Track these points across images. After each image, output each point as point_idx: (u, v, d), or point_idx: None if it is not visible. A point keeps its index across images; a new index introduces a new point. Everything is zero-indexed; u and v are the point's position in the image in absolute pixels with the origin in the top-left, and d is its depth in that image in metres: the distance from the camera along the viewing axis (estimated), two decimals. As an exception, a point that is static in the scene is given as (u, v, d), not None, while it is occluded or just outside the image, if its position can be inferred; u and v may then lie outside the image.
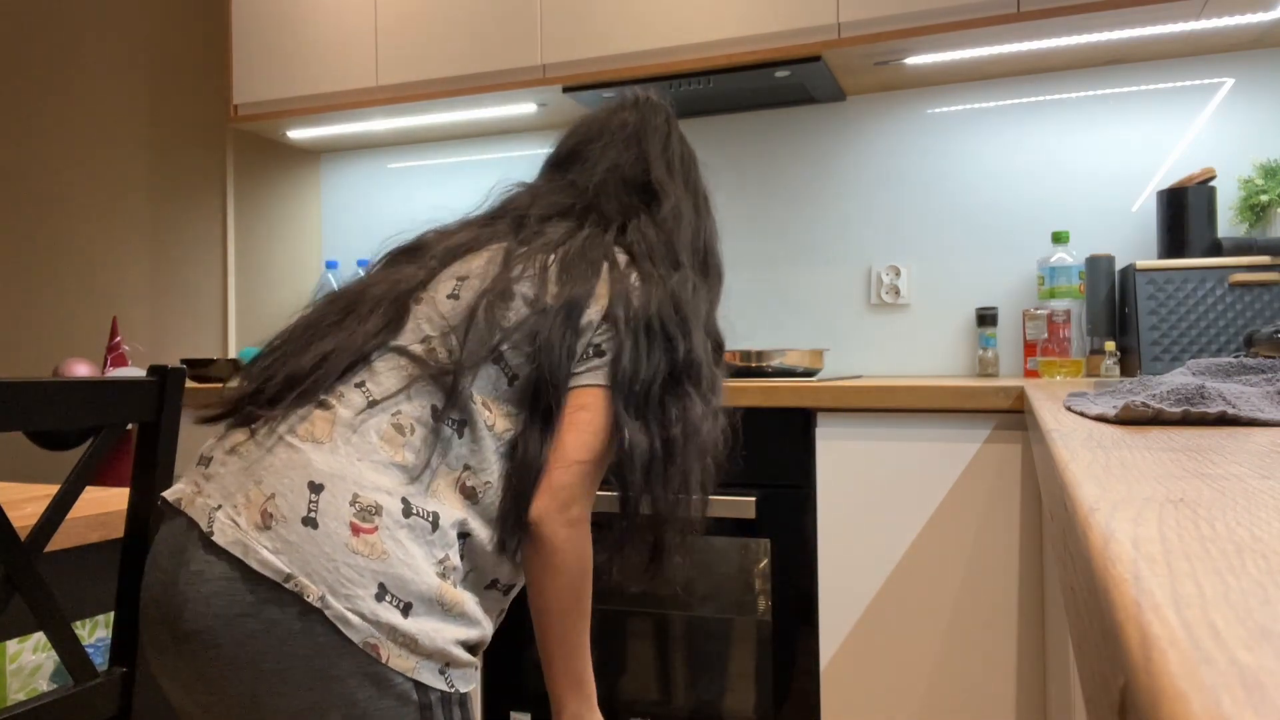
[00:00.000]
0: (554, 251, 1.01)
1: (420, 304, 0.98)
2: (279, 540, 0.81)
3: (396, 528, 0.84)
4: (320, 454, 0.85)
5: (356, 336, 0.94)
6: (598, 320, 0.97)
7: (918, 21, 1.82)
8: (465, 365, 0.92)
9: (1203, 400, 0.73)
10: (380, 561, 0.82)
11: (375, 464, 0.86)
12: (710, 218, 1.20)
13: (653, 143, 1.17)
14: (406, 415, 0.90)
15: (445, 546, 0.88)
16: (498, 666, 1.80)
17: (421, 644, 0.83)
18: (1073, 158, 2.06)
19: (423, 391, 0.91)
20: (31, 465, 3.05)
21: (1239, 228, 1.95)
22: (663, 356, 0.98)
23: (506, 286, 0.97)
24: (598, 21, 2.06)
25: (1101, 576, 0.28)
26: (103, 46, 3.02)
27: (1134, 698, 0.20)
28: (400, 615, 0.82)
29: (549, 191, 1.14)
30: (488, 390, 0.93)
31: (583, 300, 0.97)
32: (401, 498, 0.86)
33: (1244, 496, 0.39)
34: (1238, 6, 1.72)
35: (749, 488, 1.64)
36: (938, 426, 1.54)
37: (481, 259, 1.01)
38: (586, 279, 0.99)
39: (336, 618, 0.80)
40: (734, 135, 2.34)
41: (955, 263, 2.15)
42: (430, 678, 0.84)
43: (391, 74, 2.25)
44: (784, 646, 1.62)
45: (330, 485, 0.83)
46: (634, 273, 1.02)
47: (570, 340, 0.95)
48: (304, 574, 0.80)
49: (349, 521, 0.82)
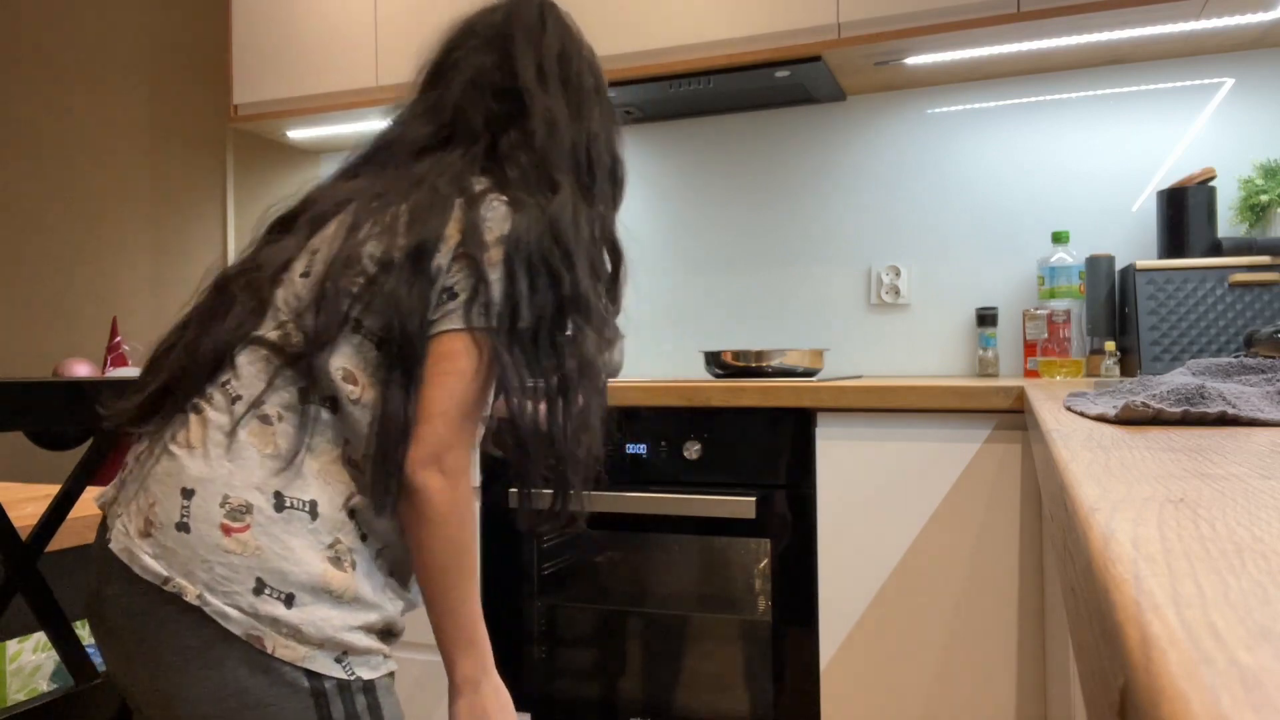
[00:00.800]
0: (407, 198, 0.96)
1: (280, 286, 0.95)
2: (158, 546, 0.84)
3: (270, 523, 0.85)
4: (193, 460, 0.87)
5: (220, 333, 0.94)
6: (447, 262, 0.92)
7: (918, 21, 1.82)
8: (318, 343, 0.90)
9: (1203, 400, 0.73)
10: (255, 558, 0.83)
11: (245, 462, 0.87)
12: (595, 117, 1.08)
13: (520, 42, 1.06)
14: (273, 405, 0.89)
15: (333, 531, 0.87)
16: (498, 666, 1.80)
17: (308, 634, 0.83)
18: (1073, 158, 2.06)
19: (286, 378, 0.90)
20: (31, 465, 3.05)
21: (1239, 228, 1.95)
22: (548, 292, 0.94)
23: (352, 252, 0.93)
24: (598, 21, 2.06)
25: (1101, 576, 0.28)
26: (103, 47, 3.02)
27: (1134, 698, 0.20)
28: (283, 606, 0.83)
29: (413, 119, 1.06)
30: (354, 361, 0.91)
31: (430, 244, 0.92)
32: (274, 492, 0.86)
33: (1244, 496, 0.39)
34: (1238, 6, 1.72)
35: (749, 488, 1.64)
36: (938, 426, 1.54)
37: (332, 227, 0.97)
38: (436, 220, 0.93)
39: (216, 613, 0.82)
40: (734, 135, 2.34)
41: (955, 263, 2.15)
42: (324, 666, 0.84)
43: (391, 74, 2.25)
44: (784, 646, 1.62)
45: (200, 490, 0.85)
46: (497, 202, 0.96)
47: (421, 288, 0.91)
48: (182, 575, 0.82)
49: (219, 523, 0.84)
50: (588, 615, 1.76)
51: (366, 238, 0.94)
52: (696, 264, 2.37)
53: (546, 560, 1.79)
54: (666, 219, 2.40)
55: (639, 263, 2.42)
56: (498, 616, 1.79)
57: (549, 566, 1.79)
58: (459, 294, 0.92)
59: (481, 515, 1.79)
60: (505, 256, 0.93)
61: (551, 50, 1.07)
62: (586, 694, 1.74)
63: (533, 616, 1.78)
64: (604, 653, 1.74)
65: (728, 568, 1.69)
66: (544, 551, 1.80)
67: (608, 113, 1.12)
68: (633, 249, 2.43)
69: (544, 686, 1.77)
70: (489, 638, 0.99)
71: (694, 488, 1.67)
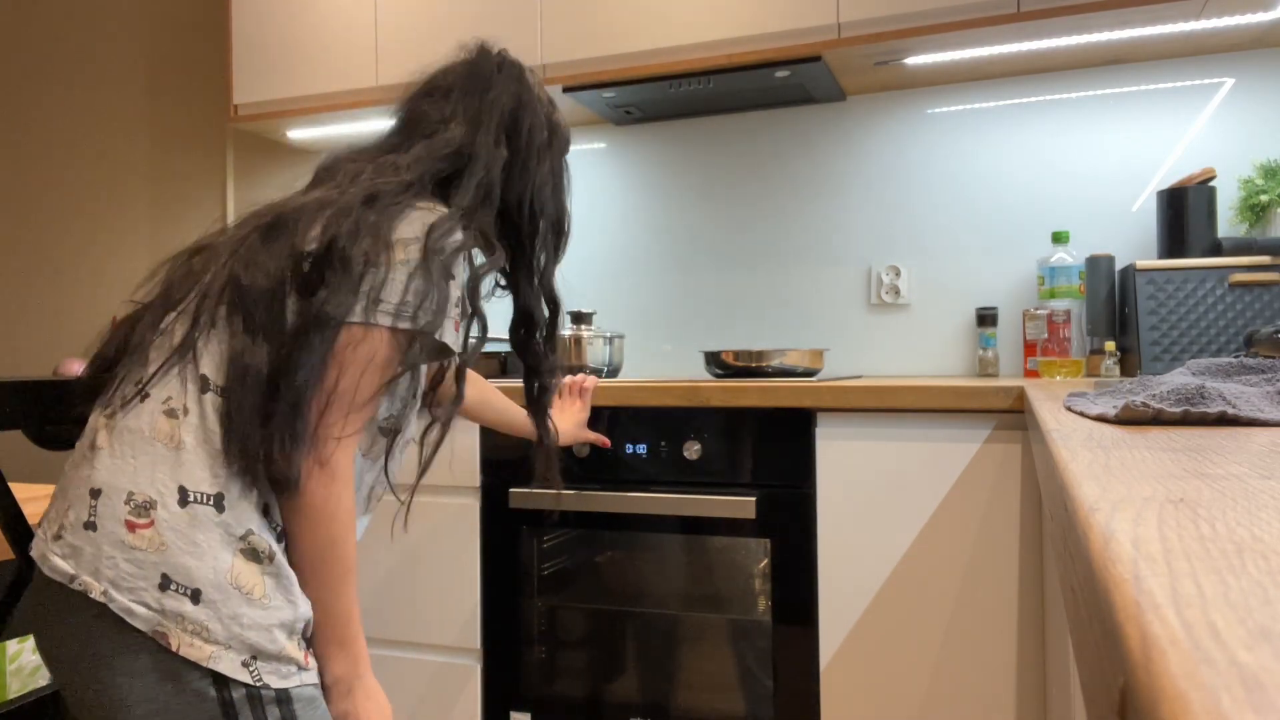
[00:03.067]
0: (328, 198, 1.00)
1: (195, 284, 0.98)
2: (66, 546, 0.85)
3: (174, 518, 0.84)
4: (101, 460, 0.88)
5: (140, 330, 0.95)
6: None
7: (918, 21, 1.82)
8: (202, 329, 0.92)
9: (1203, 400, 0.73)
10: (159, 554, 0.83)
11: (149, 458, 0.87)
12: (545, 170, 1.16)
13: (471, 96, 1.13)
14: (179, 399, 0.89)
15: (243, 523, 0.87)
16: (498, 666, 1.80)
17: (214, 630, 0.83)
18: (1073, 158, 2.06)
19: (187, 369, 0.91)
20: (31, 465, 3.05)
21: (1239, 228, 1.95)
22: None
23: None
24: (598, 21, 2.06)
25: (1101, 576, 0.28)
26: (103, 47, 3.02)
27: (1134, 698, 0.20)
28: (189, 602, 0.83)
29: (368, 160, 1.11)
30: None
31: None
32: (179, 486, 0.86)
33: (1244, 496, 0.39)
34: (1238, 6, 1.72)
35: (749, 488, 1.64)
36: (938, 426, 1.54)
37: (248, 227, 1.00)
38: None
39: (122, 610, 0.82)
40: (734, 135, 2.34)
41: (955, 263, 2.15)
42: (230, 668, 0.83)
43: (391, 74, 2.25)
44: (784, 646, 1.62)
45: (106, 489, 0.86)
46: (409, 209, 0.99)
47: (268, 266, 0.93)
48: (88, 574, 0.83)
49: (124, 520, 0.84)
50: (587, 615, 1.76)
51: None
52: (696, 264, 2.37)
53: (546, 560, 1.79)
54: (666, 219, 2.40)
55: (639, 263, 2.42)
56: (498, 616, 1.79)
57: (548, 566, 1.79)
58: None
59: (482, 515, 1.79)
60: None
61: (501, 104, 1.12)
62: (586, 694, 1.74)
63: (532, 616, 1.78)
64: (603, 653, 1.74)
65: (728, 568, 1.69)
66: (543, 551, 1.80)
67: (560, 167, 1.18)
68: (633, 249, 2.43)
69: (544, 686, 1.77)
70: (361, 638, 0.97)
71: (694, 488, 1.67)
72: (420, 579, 1.84)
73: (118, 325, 0.99)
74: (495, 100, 1.12)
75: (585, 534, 1.76)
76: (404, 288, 0.93)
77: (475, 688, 1.80)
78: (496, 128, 1.11)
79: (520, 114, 1.14)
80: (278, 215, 0.96)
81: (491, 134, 1.10)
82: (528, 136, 1.14)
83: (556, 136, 1.19)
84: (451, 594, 1.82)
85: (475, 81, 1.13)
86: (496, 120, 1.11)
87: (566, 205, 1.19)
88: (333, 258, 0.91)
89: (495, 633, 1.79)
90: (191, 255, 1.01)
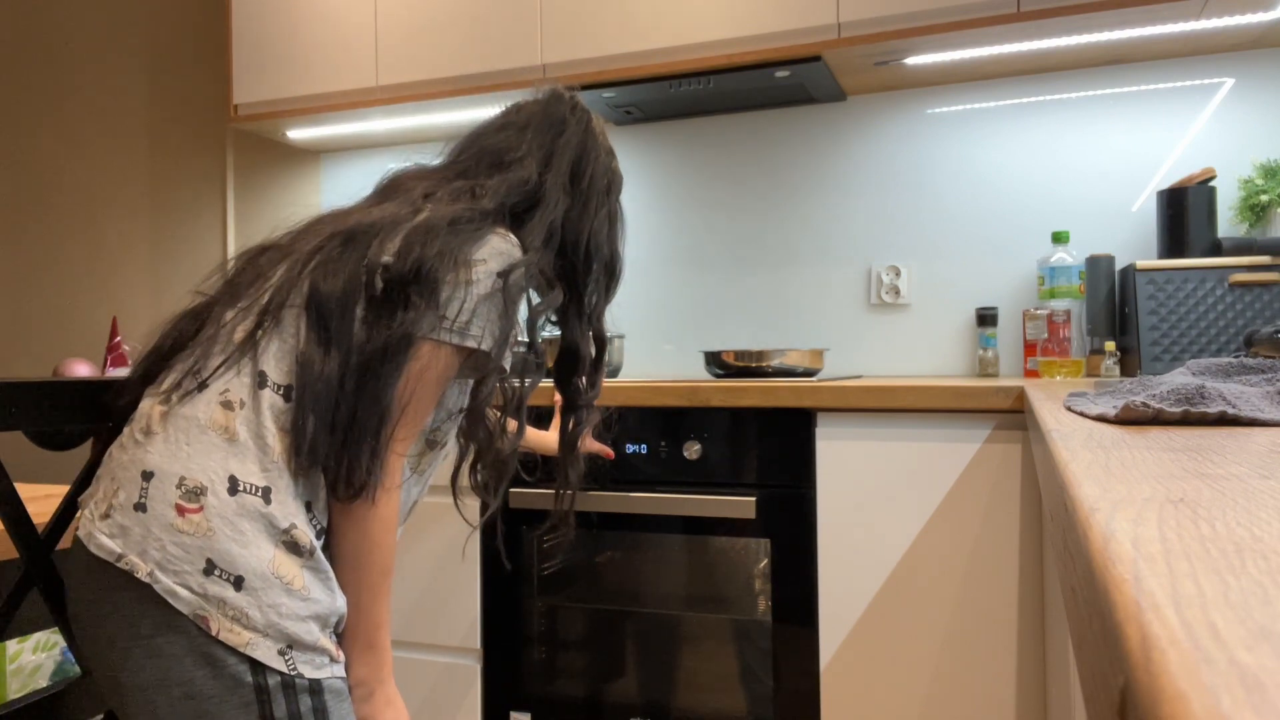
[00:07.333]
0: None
1: (260, 279, 1.01)
2: (114, 525, 0.87)
3: (223, 506, 0.87)
4: (154, 445, 0.90)
5: (207, 322, 0.99)
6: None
7: (918, 21, 1.82)
8: (266, 327, 0.95)
9: (1203, 400, 0.73)
10: (205, 539, 0.85)
11: (203, 446, 0.89)
12: (602, 215, 1.21)
13: (542, 136, 1.19)
14: (235, 391, 0.92)
15: (288, 517, 0.89)
16: (498, 666, 1.80)
17: (253, 618, 0.85)
18: (1073, 158, 2.06)
19: (247, 364, 0.94)
20: (31, 465, 3.05)
21: (1239, 228, 1.95)
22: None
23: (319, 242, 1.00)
24: (598, 21, 2.06)
25: (1101, 576, 0.28)
26: (103, 47, 3.02)
27: (1134, 698, 0.20)
28: (231, 589, 0.85)
29: (434, 176, 1.16)
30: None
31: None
32: (229, 475, 0.88)
33: (1244, 496, 0.39)
34: (1238, 6, 1.72)
35: (749, 488, 1.64)
36: (938, 426, 1.54)
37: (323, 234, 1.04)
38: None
39: (165, 591, 0.84)
40: (734, 135, 2.34)
41: (955, 263, 2.15)
42: (267, 656, 0.85)
43: (391, 74, 2.25)
44: (784, 646, 1.62)
45: (159, 473, 0.88)
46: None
47: (352, 271, 0.97)
48: (135, 554, 0.85)
49: (174, 504, 0.86)
50: (587, 615, 1.76)
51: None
52: (696, 264, 2.37)
53: (546, 560, 1.80)
54: (667, 219, 2.40)
55: (640, 263, 2.42)
56: (498, 616, 1.79)
57: (548, 566, 1.79)
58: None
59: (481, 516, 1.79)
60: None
61: (571, 148, 1.19)
62: (586, 694, 1.74)
63: (532, 616, 1.78)
64: (603, 653, 1.74)
65: (728, 567, 1.69)
66: (544, 551, 1.80)
67: (615, 213, 1.25)
68: (634, 249, 2.43)
69: (544, 686, 1.77)
70: (386, 645, 0.99)
71: (694, 488, 1.67)
72: (421, 579, 1.84)
73: (176, 318, 1.02)
74: (566, 144, 1.18)
75: (585, 534, 1.76)
76: (473, 309, 0.98)
77: (475, 688, 1.80)
78: (566, 171, 1.17)
79: (585, 160, 1.20)
80: (355, 225, 1.00)
81: (562, 176, 1.16)
82: (590, 182, 1.20)
83: (614, 184, 1.25)
84: (452, 594, 1.82)
85: (549, 123, 1.19)
86: (567, 163, 1.17)
87: (620, 250, 1.25)
88: (420, 279, 0.95)
89: (495, 633, 1.79)
90: (259, 254, 1.05)
